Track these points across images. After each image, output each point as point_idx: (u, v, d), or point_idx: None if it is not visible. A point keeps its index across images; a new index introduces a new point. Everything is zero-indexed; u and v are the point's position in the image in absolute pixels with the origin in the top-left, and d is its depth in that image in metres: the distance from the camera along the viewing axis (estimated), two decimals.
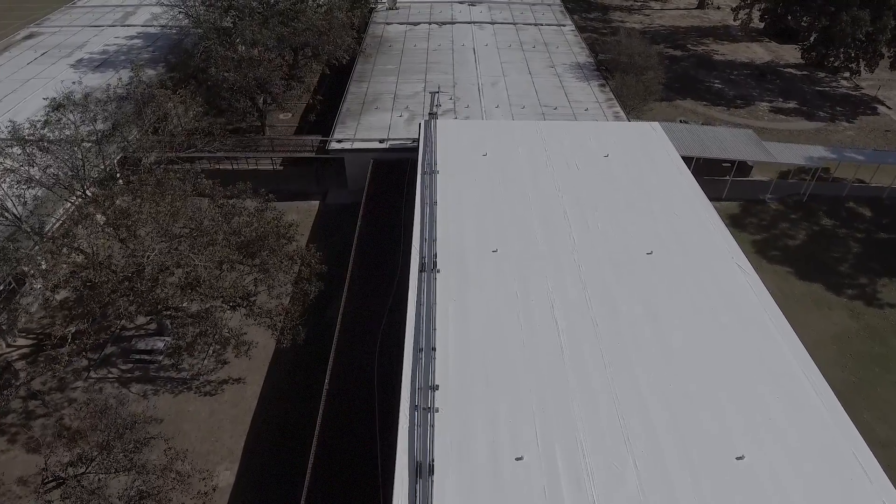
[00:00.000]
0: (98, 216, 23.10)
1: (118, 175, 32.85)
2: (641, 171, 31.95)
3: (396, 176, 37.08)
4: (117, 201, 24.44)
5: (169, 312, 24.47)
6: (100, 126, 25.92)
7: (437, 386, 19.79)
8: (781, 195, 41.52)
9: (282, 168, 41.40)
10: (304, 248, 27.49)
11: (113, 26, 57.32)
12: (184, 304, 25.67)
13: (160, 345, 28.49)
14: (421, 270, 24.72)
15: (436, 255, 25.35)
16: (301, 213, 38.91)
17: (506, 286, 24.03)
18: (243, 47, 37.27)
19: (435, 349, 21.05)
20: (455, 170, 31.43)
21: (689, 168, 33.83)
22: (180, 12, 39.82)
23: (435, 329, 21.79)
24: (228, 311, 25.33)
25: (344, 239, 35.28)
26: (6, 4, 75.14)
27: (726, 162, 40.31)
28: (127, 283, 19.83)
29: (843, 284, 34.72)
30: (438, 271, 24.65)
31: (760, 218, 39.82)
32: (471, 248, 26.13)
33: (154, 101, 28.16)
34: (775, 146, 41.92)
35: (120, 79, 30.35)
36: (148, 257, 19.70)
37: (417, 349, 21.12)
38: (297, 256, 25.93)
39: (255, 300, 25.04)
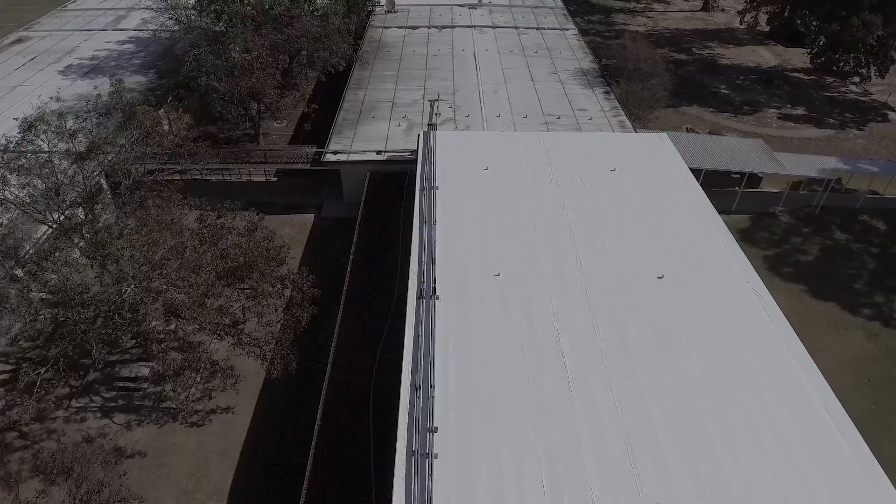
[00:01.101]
0: (76, 240, 21.71)
1: (106, 190, 31.55)
2: (650, 186, 30.57)
3: (394, 189, 35.68)
4: (99, 223, 23.06)
5: (153, 336, 23.00)
6: (79, 144, 24.49)
7: (437, 428, 18.43)
8: (792, 207, 40.14)
9: (276, 179, 40.01)
10: (296, 271, 26.04)
11: (104, 30, 55.86)
12: (171, 327, 24.31)
13: (145, 371, 27.09)
14: (419, 297, 23.34)
15: (435, 280, 23.97)
16: (295, 228, 37.57)
17: (509, 314, 22.65)
18: (235, 54, 35.80)
19: (434, 387, 19.68)
20: (455, 185, 30.05)
21: (698, 180, 32.58)
22: (170, 18, 38.37)
23: (434, 364, 20.42)
24: (215, 340, 23.99)
25: (340, 255, 33.98)
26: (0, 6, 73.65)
27: (735, 173, 38.97)
28: (101, 321, 18.48)
29: (858, 303, 33.35)
30: (438, 298, 23.28)
31: (772, 232, 38.44)
32: (472, 271, 24.74)
33: (135, 119, 26.70)
34: (786, 157, 40.53)
35: (99, 95, 28.85)
36: (125, 292, 18.32)
37: (415, 387, 19.75)
38: (289, 281, 24.54)
39: (243, 328, 23.65)
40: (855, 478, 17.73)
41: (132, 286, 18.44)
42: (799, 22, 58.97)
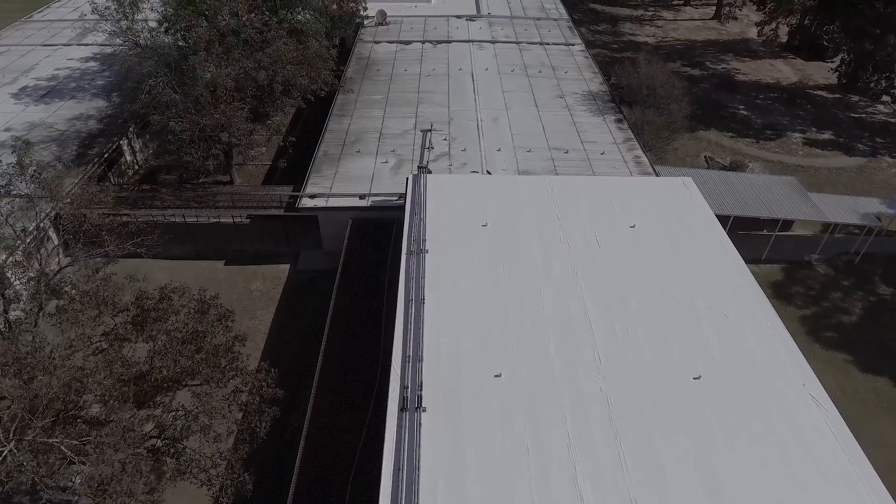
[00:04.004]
0: None
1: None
2: (676, 247, 26.11)
3: (380, 237, 31.27)
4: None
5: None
6: None
7: None
8: (829, 255, 35.73)
9: (247, 222, 35.42)
10: (255, 370, 21.59)
11: (68, 45, 51.11)
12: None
13: (76, 479, 22.60)
14: (401, 409, 18.90)
15: (421, 386, 19.51)
16: (267, 281, 33.09)
17: (513, 437, 18.19)
18: (201, 85, 31.19)
19: None
20: (448, 247, 25.57)
21: (725, 226, 28.57)
22: (125, 42, 33.73)
23: None
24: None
25: (316, 318, 29.46)
26: None
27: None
28: None
29: None
30: (424, 410, 18.85)
31: (808, 286, 34.01)
32: (467, 370, 20.28)
33: (50, 197, 22.08)
34: (822, 198, 36.11)
35: (4, 164, 24.13)
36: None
37: None
38: (244, 385, 20.08)
39: (183, 447, 19.19)
40: None
41: (12, 442, 14.10)
42: (826, 38, 54.45)
